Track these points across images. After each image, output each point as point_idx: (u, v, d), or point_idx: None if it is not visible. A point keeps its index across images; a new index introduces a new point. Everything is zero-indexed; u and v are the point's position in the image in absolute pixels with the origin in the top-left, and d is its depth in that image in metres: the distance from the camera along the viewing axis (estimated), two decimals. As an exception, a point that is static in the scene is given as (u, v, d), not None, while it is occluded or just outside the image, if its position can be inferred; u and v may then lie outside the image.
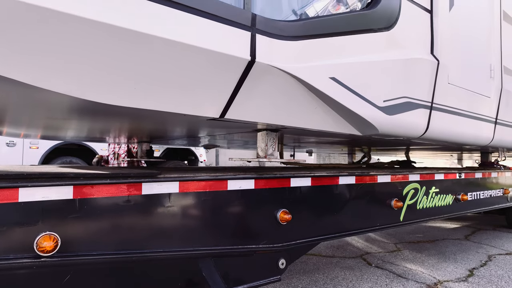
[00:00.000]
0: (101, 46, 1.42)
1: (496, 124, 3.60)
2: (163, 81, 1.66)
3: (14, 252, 1.40)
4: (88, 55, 1.42)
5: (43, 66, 1.35)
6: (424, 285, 3.37)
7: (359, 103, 2.30)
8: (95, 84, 1.47)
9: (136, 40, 1.48)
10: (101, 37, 1.40)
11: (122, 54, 1.49)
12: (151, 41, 1.52)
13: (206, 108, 1.87)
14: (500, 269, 3.89)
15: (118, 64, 1.50)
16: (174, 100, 1.74)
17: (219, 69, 1.77)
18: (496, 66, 3.57)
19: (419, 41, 2.71)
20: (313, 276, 3.57)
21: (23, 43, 1.29)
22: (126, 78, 1.55)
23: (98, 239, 1.60)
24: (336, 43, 2.18)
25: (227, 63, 1.76)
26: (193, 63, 1.68)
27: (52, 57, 1.36)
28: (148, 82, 1.61)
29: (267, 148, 2.49)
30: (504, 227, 6.17)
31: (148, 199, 1.73)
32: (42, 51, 1.33)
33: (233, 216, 2.06)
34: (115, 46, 1.45)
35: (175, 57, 1.62)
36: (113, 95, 1.53)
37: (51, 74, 1.38)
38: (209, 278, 1.91)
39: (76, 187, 1.52)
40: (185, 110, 1.82)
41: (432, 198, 3.39)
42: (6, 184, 1.38)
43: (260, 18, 1.83)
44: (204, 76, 1.74)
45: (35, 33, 1.29)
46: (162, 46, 1.56)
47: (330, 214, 2.54)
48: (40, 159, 8.07)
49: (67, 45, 1.36)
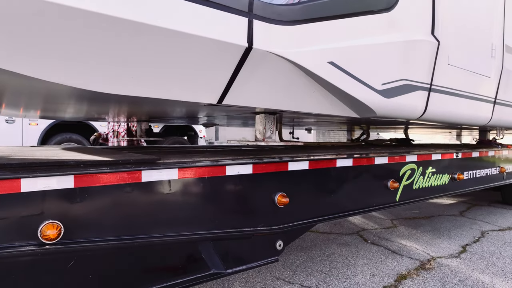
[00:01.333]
0: (102, 38, 1.43)
1: (495, 104, 3.59)
2: (159, 70, 1.65)
3: (19, 240, 1.45)
4: (91, 47, 1.44)
5: (44, 58, 1.36)
6: (417, 261, 3.48)
7: (357, 87, 2.30)
8: (97, 75, 1.48)
9: (134, 30, 1.47)
10: (102, 29, 1.40)
11: (120, 45, 1.48)
12: (146, 31, 1.50)
13: (203, 94, 1.87)
14: (492, 245, 4.00)
15: (117, 55, 1.50)
16: (171, 88, 1.74)
17: (216, 56, 1.76)
18: (497, 45, 3.52)
19: (419, 21, 2.67)
20: (310, 253, 3.68)
21: (28, 37, 1.30)
22: (125, 68, 1.55)
23: (100, 226, 1.65)
24: (334, 27, 2.15)
25: (224, 50, 1.75)
26: (189, 51, 1.67)
27: (55, 49, 1.37)
28: (144, 71, 1.61)
29: (265, 131, 2.50)
30: (499, 202, 6.28)
31: (148, 186, 1.77)
32: (43, 44, 1.33)
33: (231, 200, 2.10)
34: (115, 38, 1.45)
35: (171, 46, 1.60)
36: (114, 85, 1.54)
37: (54, 66, 1.39)
38: (208, 260, 1.97)
39: (76, 176, 1.55)
40: (183, 97, 1.83)
41: (428, 178, 3.44)
42: (8, 176, 1.40)
43: (257, 3, 1.80)
44: (201, 63, 1.73)
45: (37, 27, 1.29)
46: (157, 35, 1.54)
47: (327, 196, 2.59)
48: (40, 136, 8.09)
49: (71, 37, 1.37)
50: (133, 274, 1.74)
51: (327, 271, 3.21)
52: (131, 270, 1.73)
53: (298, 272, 3.18)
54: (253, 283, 2.91)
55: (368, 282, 2.99)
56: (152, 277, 1.79)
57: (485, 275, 3.18)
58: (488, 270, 3.28)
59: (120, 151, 2.46)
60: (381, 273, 3.17)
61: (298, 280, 3.01)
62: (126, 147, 3.88)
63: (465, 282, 3.01)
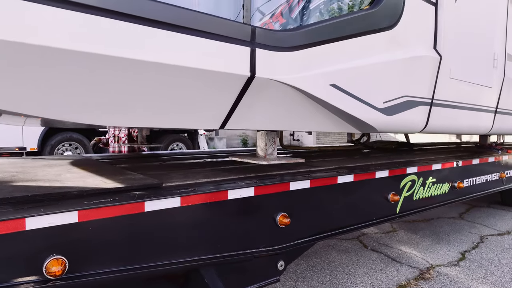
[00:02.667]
0: (109, 78, 1.45)
1: (496, 113, 3.59)
2: (162, 103, 1.66)
3: (24, 277, 1.46)
4: (99, 86, 1.47)
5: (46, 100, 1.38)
6: (417, 270, 3.52)
7: (359, 107, 2.30)
8: (106, 112, 1.53)
9: (135, 68, 1.48)
10: (110, 69, 1.43)
11: (123, 82, 1.49)
12: (148, 68, 1.51)
13: (207, 122, 1.88)
14: (491, 252, 4.04)
15: (127, 90, 1.53)
16: (174, 118, 1.75)
17: (219, 87, 1.76)
18: (499, 55, 3.51)
19: (421, 37, 2.66)
20: (310, 261, 3.72)
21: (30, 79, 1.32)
22: (138, 103, 1.58)
23: (105, 257, 1.67)
24: (337, 49, 2.14)
25: (227, 80, 1.75)
26: (192, 84, 1.67)
27: (57, 90, 1.39)
28: (151, 106, 1.63)
29: (267, 148, 2.51)
30: (498, 203, 6.32)
31: (151, 215, 1.78)
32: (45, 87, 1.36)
33: (233, 223, 2.12)
34: (120, 77, 1.47)
35: (174, 80, 1.61)
36: (130, 119, 1.58)
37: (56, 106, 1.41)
38: (211, 283, 2.00)
39: (80, 211, 1.56)
40: (187, 126, 1.85)
41: (428, 188, 3.46)
42: (13, 216, 1.42)
43: (260, 31, 1.79)
44: (204, 94, 1.73)
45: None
46: (159, 71, 1.55)
47: (328, 212, 2.61)
48: (40, 135, 8.09)
49: (78, 79, 1.39)
50: (137, 302, 1.77)
51: (327, 281, 3.25)
52: (135, 299, 1.76)
53: (298, 282, 3.22)
54: (254, 296, 2.95)
55: (368, 293, 3.03)
56: (155, 304, 1.82)
57: (484, 285, 3.22)
58: (486, 280, 3.32)
59: (121, 171, 2.47)
60: (381, 284, 3.21)
61: (299, 291, 3.05)
62: (126, 156, 3.89)
63: (464, 293, 3.05)
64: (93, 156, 3.65)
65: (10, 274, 1.44)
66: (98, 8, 1.37)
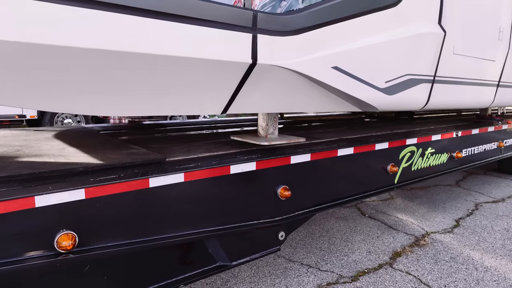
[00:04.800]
0: (115, 69, 1.47)
1: (498, 86, 3.56)
2: (165, 91, 1.68)
3: (37, 251, 1.53)
4: (107, 78, 1.51)
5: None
6: (412, 237, 3.65)
7: (361, 88, 2.29)
8: (113, 103, 1.55)
9: (139, 60, 1.48)
10: (115, 62, 1.44)
11: (129, 73, 1.50)
12: (151, 60, 1.51)
13: (209, 107, 1.91)
14: (485, 219, 4.16)
15: (129, 82, 1.54)
16: (177, 105, 1.78)
17: (221, 74, 1.76)
18: (505, 27, 3.42)
19: (426, 12, 2.58)
20: (309, 228, 3.84)
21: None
22: (134, 93, 1.59)
23: (112, 231, 1.73)
24: (340, 30, 2.10)
25: (229, 68, 1.74)
26: (194, 73, 1.67)
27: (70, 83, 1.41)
28: (149, 94, 1.65)
29: (268, 127, 2.53)
30: (495, 170, 6.42)
31: (155, 190, 1.83)
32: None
33: (236, 197, 2.18)
34: (124, 68, 1.48)
35: (176, 70, 1.60)
36: (128, 110, 1.60)
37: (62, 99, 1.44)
38: (215, 254, 2.09)
39: (87, 189, 1.61)
40: (190, 112, 1.87)
41: (427, 158, 3.51)
42: (23, 195, 1.46)
43: (261, 16, 1.75)
44: (207, 82, 1.74)
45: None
46: (163, 62, 1.54)
47: (328, 184, 2.67)
48: (40, 103, 8.04)
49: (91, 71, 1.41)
50: (145, 272, 1.86)
51: (325, 248, 3.38)
52: (143, 269, 1.84)
53: (298, 249, 3.35)
54: (255, 262, 3.08)
55: (364, 259, 3.16)
56: (163, 273, 1.91)
57: (476, 251, 3.35)
58: (479, 246, 3.45)
59: (124, 145, 2.50)
60: (377, 250, 3.34)
61: (298, 258, 3.18)
62: (127, 127, 3.91)
63: (456, 259, 3.18)
64: (95, 127, 3.67)
65: (24, 249, 1.51)
66: (95, 2, 1.33)
